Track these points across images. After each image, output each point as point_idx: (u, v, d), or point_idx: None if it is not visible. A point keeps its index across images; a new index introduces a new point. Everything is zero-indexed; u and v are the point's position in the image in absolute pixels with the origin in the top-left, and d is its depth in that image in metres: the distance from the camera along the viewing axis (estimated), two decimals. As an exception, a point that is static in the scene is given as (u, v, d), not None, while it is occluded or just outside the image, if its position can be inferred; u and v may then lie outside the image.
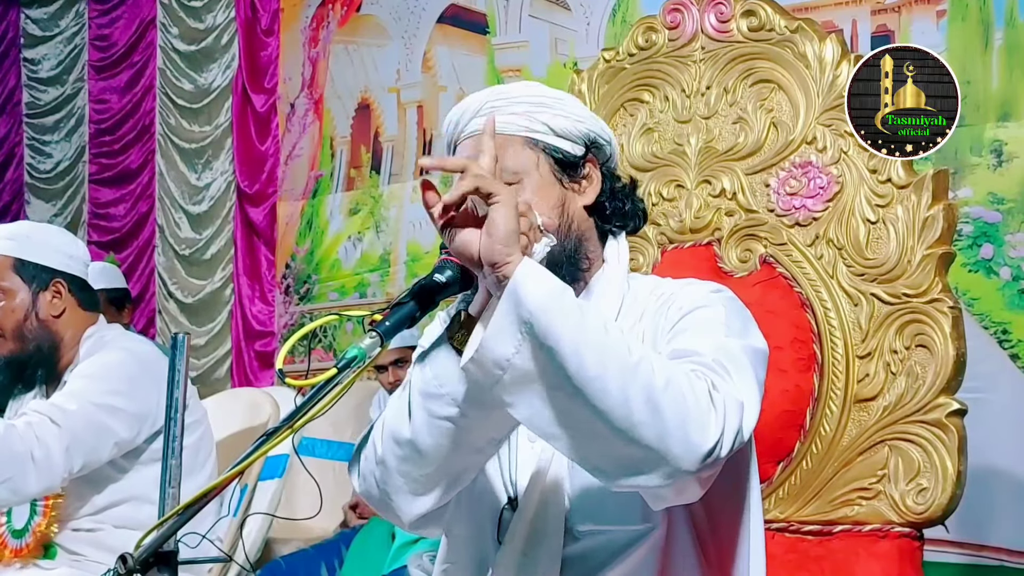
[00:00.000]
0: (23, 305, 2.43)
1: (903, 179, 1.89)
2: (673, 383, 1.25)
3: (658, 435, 1.22)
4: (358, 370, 1.22)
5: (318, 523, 3.84)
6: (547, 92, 1.53)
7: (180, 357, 1.51)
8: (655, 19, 2.16)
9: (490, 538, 1.48)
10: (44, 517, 2.36)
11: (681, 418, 1.23)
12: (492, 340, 1.23)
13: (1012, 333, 3.58)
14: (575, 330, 1.23)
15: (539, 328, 1.22)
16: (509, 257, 1.25)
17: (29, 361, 2.44)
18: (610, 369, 1.22)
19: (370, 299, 5.46)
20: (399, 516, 1.45)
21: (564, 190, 1.50)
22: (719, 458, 1.26)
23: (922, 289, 1.85)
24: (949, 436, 1.80)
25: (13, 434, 2.21)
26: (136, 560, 1.26)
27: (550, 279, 1.26)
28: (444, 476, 1.40)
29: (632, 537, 1.42)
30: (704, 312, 1.43)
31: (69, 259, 2.49)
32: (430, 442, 1.36)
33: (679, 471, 1.24)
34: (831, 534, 1.87)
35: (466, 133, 1.51)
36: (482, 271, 1.28)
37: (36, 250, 2.46)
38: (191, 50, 6.30)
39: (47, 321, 2.44)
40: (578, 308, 1.25)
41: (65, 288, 2.46)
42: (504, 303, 1.23)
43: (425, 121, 5.41)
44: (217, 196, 6.16)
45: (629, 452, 1.24)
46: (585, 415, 1.23)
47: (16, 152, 7.11)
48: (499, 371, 1.23)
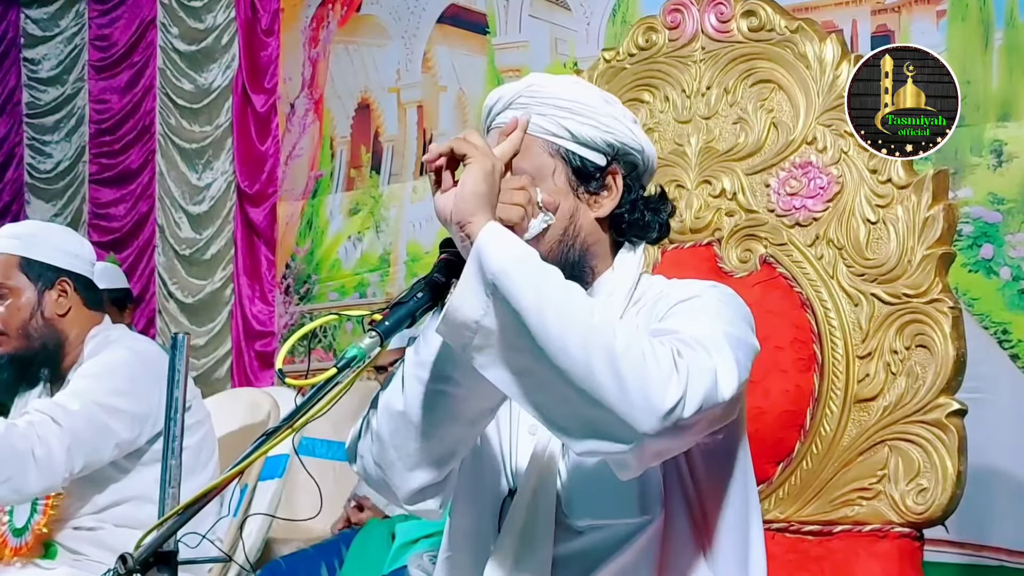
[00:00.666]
0: (29, 304, 2.43)
1: (903, 179, 1.89)
2: (634, 346, 1.25)
3: (618, 395, 1.23)
4: (358, 370, 1.22)
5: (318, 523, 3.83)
6: (580, 96, 1.51)
7: (180, 357, 1.51)
8: (655, 19, 2.16)
9: (490, 529, 1.49)
10: (44, 516, 2.35)
11: (640, 378, 1.24)
12: (459, 301, 1.26)
13: (1012, 333, 3.58)
14: (537, 291, 1.25)
15: (502, 288, 1.24)
16: (472, 217, 1.30)
17: (34, 359, 2.44)
18: (571, 330, 1.24)
19: (370, 299, 5.46)
20: (395, 491, 1.45)
21: (577, 201, 1.49)
22: (681, 420, 1.25)
23: (922, 289, 1.85)
24: (949, 436, 1.80)
25: (14, 433, 2.21)
26: (136, 560, 1.27)
27: (516, 242, 1.29)
28: (438, 448, 1.41)
29: (630, 530, 1.42)
30: (695, 302, 1.43)
31: (75, 258, 2.50)
32: (422, 413, 1.38)
33: (637, 433, 1.24)
34: (831, 534, 1.87)
35: (496, 123, 1.52)
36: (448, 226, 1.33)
37: (42, 249, 2.46)
38: (191, 50, 6.30)
39: (52, 320, 2.44)
40: (541, 270, 1.28)
41: (71, 287, 2.47)
42: (470, 264, 1.27)
43: (425, 121, 5.41)
44: (217, 196, 6.16)
45: (591, 414, 1.25)
46: (549, 376, 1.25)
47: (16, 152, 7.11)
48: (469, 333, 1.26)
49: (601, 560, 1.42)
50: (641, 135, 1.55)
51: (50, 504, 2.36)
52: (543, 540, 1.43)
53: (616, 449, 1.26)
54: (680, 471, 1.44)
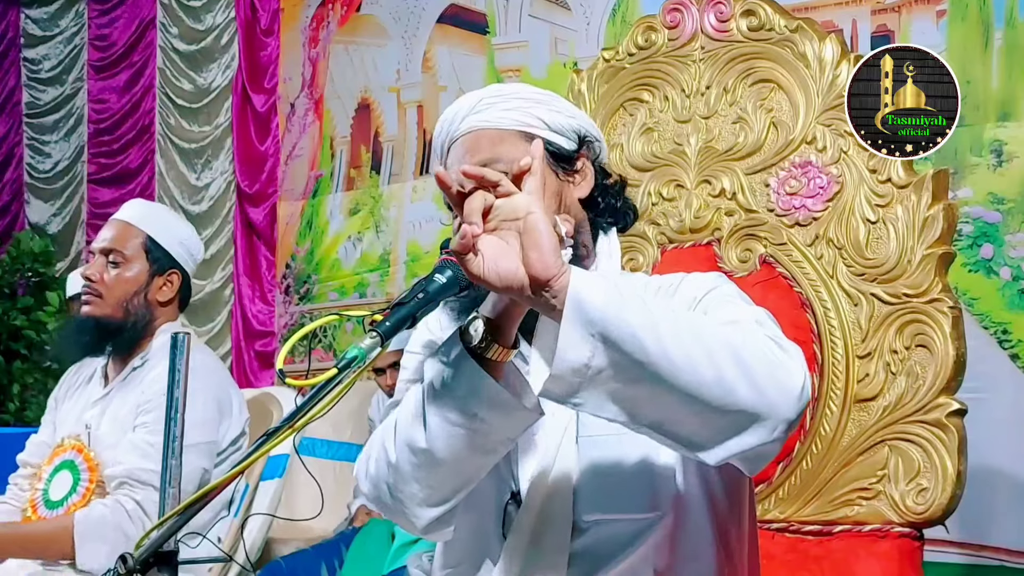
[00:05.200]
0: (138, 280, 2.50)
1: (903, 179, 1.89)
2: (748, 339, 1.26)
3: (754, 390, 1.23)
4: (358, 370, 1.22)
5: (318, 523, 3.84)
6: (538, 90, 1.55)
7: (180, 357, 1.51)
8: (655, 19, 2.16)
9: (494, 533, 1.47)
10: (83, 498, 2.36)
11: (769, 367, 1.25)
12: (564, 352, 1.20)
13: (1012, 333, 3.59)
14: (645, 317, 1.21)
15: (612, 327, 1.19)
16: (563, 268, 1.21)
17: (118, 332, 2.49)
18: (690, 344, 1.22)
19: (370, 299, 5.46)
20: (413, 523, 1.44)
21: (560, 181, 1.51)
22: (808, 398, 1.28)
23: (922, 289, 1.85)
24: (949, 436, 1.80)
25: (123, 519, 2.26)
26: (136, 560, 1.26)
27: (595, 275, 1.24)
28: (458, 479, 1.40)
29: (641, 527, 1.42)
30: (719, 291, 1.45)
31: (189, 256, 2.59)
32: (446, 449, 1.35)
33: (781, 419, 1.25)
34: (831, 534, 1.87)
35: (461, 131, 1.51)
36: (524, 293, 1.21)
37: (168, 236, 2.55)
38: (191, 50, 6.31)
39: (153, 304, 2.51)
40: (635, 296, 1.24)
41: (178, 280, 2.55)
42: (569, 312, 1.19)
43: (425, 121, 5.41)
44: (217, 196, 6.16)
45: (727, 418, 1.24)
46: (675, 396, 1.22)
47: (16, 152, 7.12)
48: (578, 379, 1.21)
49: (610, 557, 1.42)
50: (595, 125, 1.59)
51: (92, 488, 2.36)
52: (558, 541, 1.43)
53: (759, 442, 1.26)
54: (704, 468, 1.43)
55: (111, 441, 2.39)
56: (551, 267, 1.19)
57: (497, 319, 1.29)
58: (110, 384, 2.49)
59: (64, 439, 2.46)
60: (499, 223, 1.23)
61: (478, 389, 1.30)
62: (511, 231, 1.22)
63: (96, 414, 2.45)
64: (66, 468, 2.40)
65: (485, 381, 1.29)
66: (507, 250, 1.21)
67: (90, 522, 2.26)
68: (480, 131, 1.49)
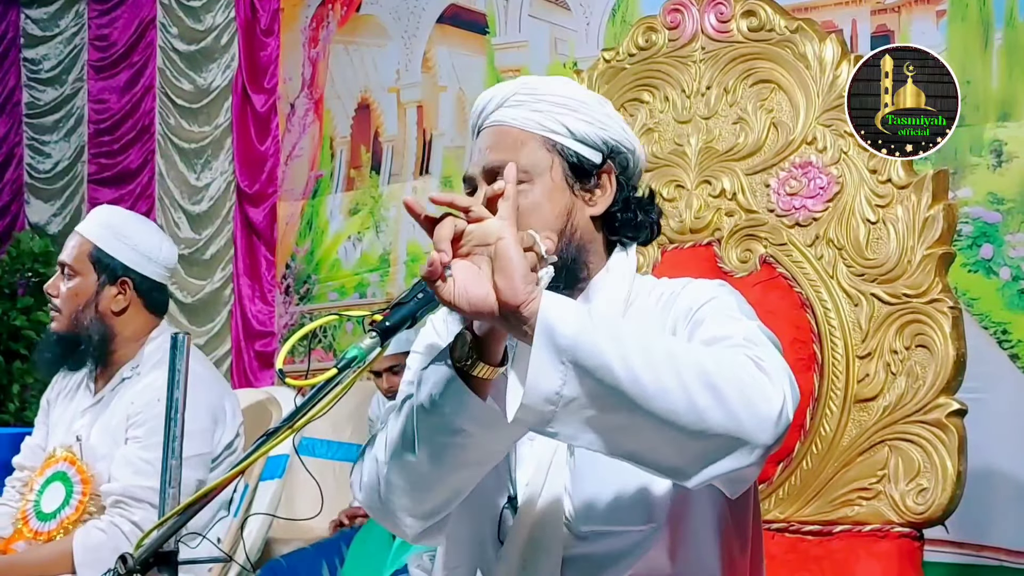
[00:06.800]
0: (86, 292, 2.46)
1: (903, 179, 1.89)
2: (723, 361, 1.24)
3: (728, 416, 1.21)
4: (358, 370, 1.22)
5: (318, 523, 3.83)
6: (575, 94, 1.51)
7: (180, 357, 1.51)
8: (655, 19, 2.16)
9: (490, 538, 1.47)
10: (76, 511, 2.34)
11: (742, 392, 1.22)
12: (535, 379, 1.18)
13: (1012, 333, 3.58)
14: (616, 343, 1.19)
15: (583, 354, 1.18)
16: (532, 295, 1.19)
17: (79, 345, 2.46)
18: (661, 371, 1.20)
19: (370, 299, 5.46)
20: (404, 532, 1.45)
21: (573, 197, 1.48)
22: (788, 422, 1.25)
23: (922, 289, 1.85)
24: (949, 436, 1.80)
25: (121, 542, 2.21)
26: (136, 560, 1.27)
27: (567, 301, 1.22)
28: (446, 491, 1.40)
29: (636, 540, 1.41)
30: (716, 303, 1.43)
31: (148, 261, 2.50)
32: (436, 464, 1.35)
33: (758, 444, 1.23)
34: (831, 534, 1.87)
35: (489, 121, 1.50)
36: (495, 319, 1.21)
37: (117, 244, 2.48)
38: (191, 50, 6.30)
39: (105, 315, 2.46)
40: (606, 322, 1.22)
41: (131, 287, 2.48)
42: (539, 340, 1.18)
43: (425, 121, 5.41)
44: (217, 196, 6.16)
45: (703, 444, 1.22)
46: (648, 424, 1.20)
47: (16, 152, 7.11)
48: (551, 407, 1.19)
49: (608, 565, 1.41)
50: (633, 136, 1.55)
51: (85, 501, 2.35)
52: (551, 545, 1.42)
53: (738, 466, 1.24)
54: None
55: (103, 452, 2.37)
56: (520, 293, 1.18)
57: (484, 337, 1.28)
58: (100, 393, 2.47)
59: (56, 449, 2.44)
60: (471, 248, 1.22)
61: (464, 407, 1.29)
62: (483, 256, 1.21)
63: (86, 424, 2.44)
64: (58, 480, 2.38)
65: (471, 399, 1.28)
66: (479, 275, 1.20)
67: (88, 549, 2.25)
68: (505, 128, 1.48)
